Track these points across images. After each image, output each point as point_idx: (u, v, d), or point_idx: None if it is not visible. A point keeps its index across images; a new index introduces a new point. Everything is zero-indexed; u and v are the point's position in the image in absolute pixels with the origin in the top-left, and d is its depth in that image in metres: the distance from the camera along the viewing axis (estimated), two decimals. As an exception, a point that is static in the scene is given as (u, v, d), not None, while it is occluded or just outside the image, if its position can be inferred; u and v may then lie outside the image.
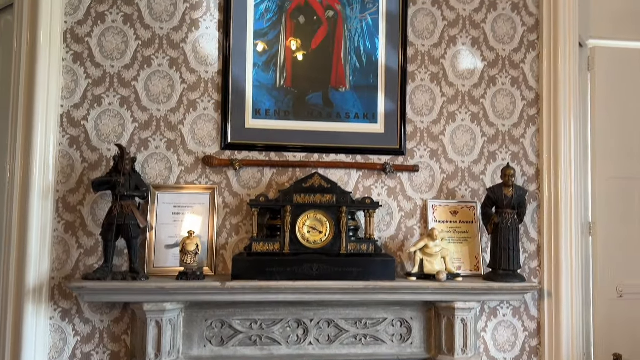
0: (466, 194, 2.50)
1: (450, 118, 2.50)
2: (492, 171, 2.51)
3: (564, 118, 2.48)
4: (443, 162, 2.49)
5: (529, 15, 2.54)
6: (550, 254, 2.48)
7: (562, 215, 2.47)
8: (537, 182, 2.53)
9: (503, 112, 2.53)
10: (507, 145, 2.52)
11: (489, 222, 2.34)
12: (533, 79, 2.54)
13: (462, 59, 2.50)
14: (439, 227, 2.41)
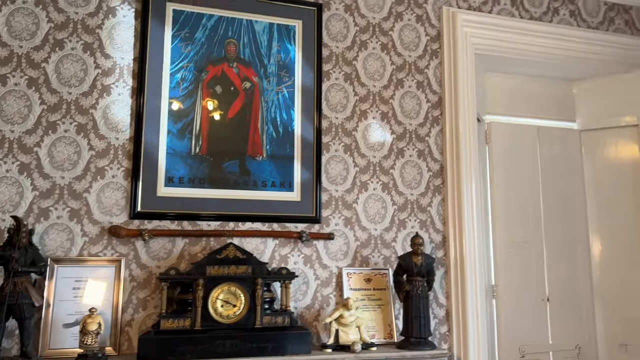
0: (379, 261, 2.56)
1: (362, 187, 2.59)
2: (403, 238, 2.60)
3: (466, 187, 2.66)
4: (357, 229, 2.55)
5: (433, 93, 2.74)
6: (458, 319, 2.58)
7: (468, 280, 2.60)
8: (444, 249, 2.66)
9: (411, 182, 2.66)
10: (416, 214, 2.65)
11: (400, 290, 2.40)
12: (437, 151, 2.72)
13: (372, 131, 2.63)
14: (354, 295, 2.44)
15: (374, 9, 2.70)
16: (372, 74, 2.66)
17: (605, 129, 3.22)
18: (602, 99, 3.23)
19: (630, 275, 3.05)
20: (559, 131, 3.21)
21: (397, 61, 2.71)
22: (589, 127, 3.25)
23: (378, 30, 2.70)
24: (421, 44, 2.75)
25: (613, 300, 3.08)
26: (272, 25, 2.51)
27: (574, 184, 3.18)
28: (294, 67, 2.52)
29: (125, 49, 2.33)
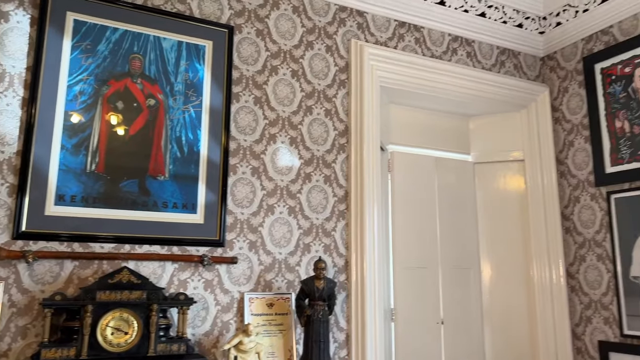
0: (282, 285, 2.56)
1: (269, 210, 2.58)
2: (307, 262, 2.62)
3: (369, 213, 2.74)
4: (261, 253, 2.53)
5: (340, 121, 2.83)
6: (357, 342, 2.63)
7: (368, 304, 2.66)
8: (347, 273, 2.71)
9: (317, 207, 2.70)
10: (321, 238, 2.68)
11: (302, 315, 2.41)
12: (343, 177, 2.79)
13: (281, 155, 2.65)
14: (255, 320, 2.41)
15: (286, 36, 2.75)
16: (282, 99, 2.69)
17: (496, 162, 3.48)
18: (494, 135, 3.50)
19: (515, 299, 3.29)
20: (455, 162, 3.43)
21: (306, 88, 2.76)
22: (482, 160, 3.50)
23: (289, 57, 2.74)
24: (330, 73, 2.84)
25: (499, 324, 3.30)
26: (181, 43, 2.47)
27: (467, 212, 3.40)
28: (203, 87, 2.48)
29: (18, 57, 2.18)
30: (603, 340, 2.92)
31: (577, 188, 3.18)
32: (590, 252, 3.07)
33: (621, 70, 2.95)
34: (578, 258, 3.14)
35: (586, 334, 3.04)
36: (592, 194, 3.09)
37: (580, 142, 3.19)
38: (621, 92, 2.94)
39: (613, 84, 2.99)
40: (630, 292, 2.80)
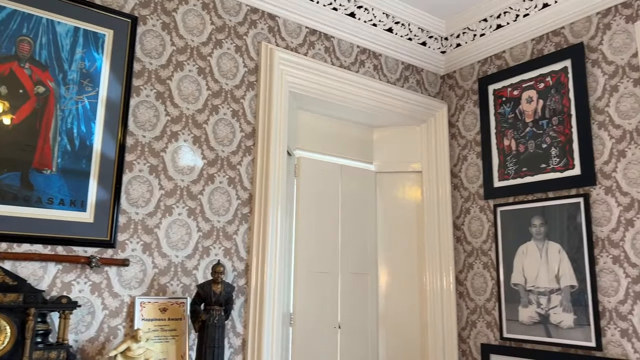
0: (178, 289, 2.47)
1: (167, 211, 2.48)
2: (205, 266, 2.55)
3: (272, 217, 2.73)
4: (156, 256, 2.43)
5: (247, 123, 2.79)
6: (253, 348, 2.59)
7: (266, 309, 2.64)
8: (246, 277, 2.68)
9: (219, 209, 2.64)
10: (221, 241, 2.63)
11: (196, 320, 2.33)
12: (248, 180, 2.76)
13: (183, 154, 2.56)
14: (146, 326, 2.30)
15: (194, 32, 2.68)
16: (186, 96, 2.61)
17: (396, 173, 3.63)
18: (395, 146, 3.65)
19: (408, 303, 3.44)
20: (358, 171, 3.53)
21: (213, 87, 2.70)
22: (384, 170, 3.63)
23: (196, 54, 2.67)
24: (239, 74, 2.80)
25: (393, 328, 3.43)
26: (78, 29, 2.31)
27: (368, 219, 3.51)
28: (100, 77, 2.34)
29: None
30: (485, 343, 3.13)
31: (468, 200, 3.40)
32: (477, 261, 3.29)
33: (510, 92, 3.21)
34: (467, 266, 3.35)
35: (471, 337, 3.24)
36: (481, 206, 3.31)
37: (473, 157, 3.42)
38: (510, 112, 3.20)
39: (503, 105, 3.24)
40: (511, 298, 3.03)
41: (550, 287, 2.84)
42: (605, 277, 2.62)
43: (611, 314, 2.58)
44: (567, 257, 2.78)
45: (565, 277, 2.78)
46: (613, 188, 2.65)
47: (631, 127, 2.62)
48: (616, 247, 2.60)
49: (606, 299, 2.60)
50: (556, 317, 2.79)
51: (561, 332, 2.75)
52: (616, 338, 2.54)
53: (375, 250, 3.51)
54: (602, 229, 2.67)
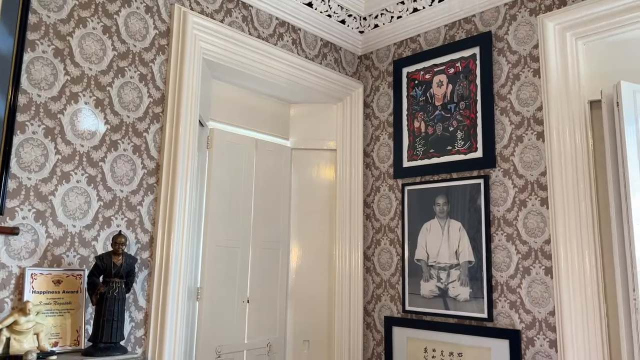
0: (74, 261, 2.32)
1: (64, 178, 2.32)
2: (106, 237, 2.42)
3: (181, 189, 2.64)
4: (51, 225, 2.26)
5: (156, 89, 2.66)
6: (156, 322, 2.51)
7: (171, 282, 2.56)
8: (151, 250, 2.57)
9: (122, 178, 2.51)
10: (124, 212, 2.50)
11: (94, 292, 2.21)
12: (155, 149, 2.64)
13: (83, 118, 2.39)
14: (38, 299, 2.15)
15: (99, -13, 2.49)
16: (89, 55, 2.43)
17: (311, 150, 3.64)
18: (311, 123, 3.65)
19: (316, 280, 3.49)
20: (274, 146, 3.50)
21: (120, 48, 2.54)
22: (299, 147, 3.63)
23: (101, 11, 2.49)
24: (149, 36, 2.65)
25: (302, 302, 3.47)
26: (-39, -30, 2.06)
27: (282, 195, 3.50)
28: (-13, 26, 2.11)
29: None
30: (388, 316, 3.26)
31: (379, 179, 3.49)
32: (384, 237, 3.40)
33: (423, 76, 3.31)
34: (374, 242, 3.45)
35: (375, 310, 3.36)
36: (390, 185, 3.42)
37: (385, 137, 3.50)
38: (421, 95, 3.30)
39: (415, 88, 3.34)
40: (413, 273, 3.17)
41: (450, 263, 3.00)
42: (499, 254, 2.81)
43: (502, 287, 2.77)
44: (466, 234, 2.95)
45: (464, 253, 2.95)
46: (510, 171, 2.83)
47: (529, 114, 2.80)
48: (510, 226, 2.79)
49: (499, 273, 2.80)
50: (454, 290, 2.96)
51: (458, 304, 2.93)
52: (505, 310, 2.74)
53: (288, 226, 3.52)
54: (498, 209, 2.85)
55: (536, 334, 2.61)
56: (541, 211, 2.68)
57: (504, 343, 2.70)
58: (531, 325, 2.63)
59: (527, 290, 2.67)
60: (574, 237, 2.52)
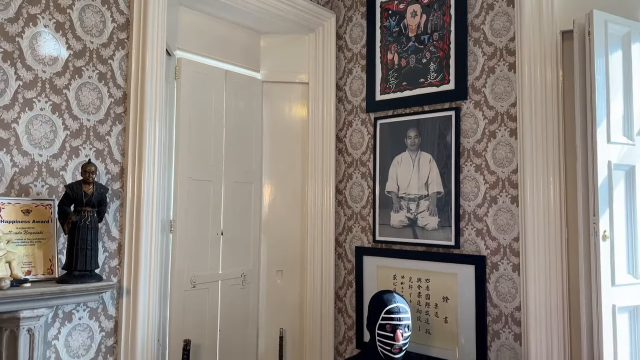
0: (43, 191, 2.27)
1: (26, 105, 2.22)
2: (74, 167, 2.36)
3: (150, 120, 2.57)
4: (15, 154, 2.19)
5: (120, 13, 2.53)
6: (130, 252, 2.52)
7: (144, 214, 2.55)
8: (122, 181, 2.54)
9: (89, 107, 2.42)
10: (92, 142, 2.43)
11: (66, 222, 2.19)
12: (121, 77, 2.54)
13: (43, 42, 2.27)
14: (7, 228, 2.11)
15: None
16: (46, -26, 2.27)
17: (283, 83, 3.58)
18: (283, 55, 3.57)
19: (289, 214, 3.53)
20: (244, 78, 3.42)
21: (79, -33, 2.38)
22: (271, 79, 3.56)
23: None
24: (110, -45, 2.49)
25: (275, 235, 3.52)
26: None
27: (253, 129, 3.46)
28: None
29: None
30: (359, 246, 3.36)
31: (351, 113, 3.48)
32: (356, 171, 3.44)
33: (397, 6, 3.25)
34: (346, 176, 3.49)
35: (347, 241, 3.45)
36: (363, 119, 3.42)
37: (358, 70, 3.47)
38: (395, 26, 3.25)
39: (389, 18, 3.28)
40: (384, 204, 3.23)
41: (419, 194, 3.07)
42: (467, 184, 2.89)
43: (470, 216, 2.87)
44: (436, 166, 3.01)
45: (433, 185, 3.01)
46: (481, 102, 2.86)
47: (502, 44, 2.80)
48: (479, 157, 2.85)
49: (467, 203, 2.88)
50: (423, 220, 3.04)
51: (426, 233, 3.02)
52: (472, 237, 2.85)
53: (260, 160, 3.51)
54: (468, 140, 2.90)
55: (500, 259, 2.73)
56: (510, 142, 2.74)
57: (469, 268, 2.82)
58: (496, 251, 2.75)
59: (494, 218, 2.78)
60: (540, 167, 2.60)
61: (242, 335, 3.31)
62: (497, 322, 2.72)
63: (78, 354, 2.34)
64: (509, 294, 2.69)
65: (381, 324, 2.26)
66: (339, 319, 3.44)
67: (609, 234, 2.33)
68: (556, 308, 2.53)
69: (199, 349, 3.01)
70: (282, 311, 3.46)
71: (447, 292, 2.91)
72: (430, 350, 2.91)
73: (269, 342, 3.42)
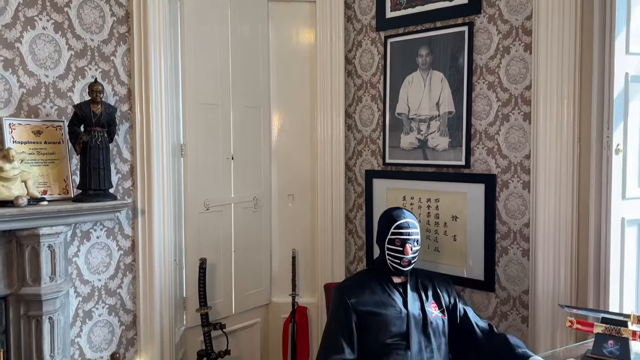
0: (52, 112, 2.28)
1: (28, 24, 2.18)
2: (82, 88, 2.35)
3: (154, 39, 2.52)
4: (22, 74, 2.18)
5: None
6: (143, 174, 2.55)
7: (154, 137, 2.56)
8: (130, 103, 2.53)
9: (91, 26, 2.37)
10: (97, 62, 2.40)
11: (77, 142, 2.20)
12: (123, -6, 2.47)
13: (40, -44, 2.19)
14: (20, 149, 2.13)
15: None
16: None
17: (289, 2, 3.45)
18: (289, -27, 3.42)
19: (298, 139, 3.52)
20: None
21: None
22: (276, -1, 3.44)
23: None
24: None
25: (285, 159, 3.53)
26: None
27: (260, 52, 3.38)
28: None
29: None
30: (369, 169, 3.36)
31: (361, 32, 3.38)
32: (366, 94, 3.38)
33: None
34: (356, 99, 3.44)
35: (356, 165, 3.45)
36: (373, 39, 3.32)
37: (367, -13, 3.33)
38: (406, -62, 3.08)
39: None
40: (394, 127, 3.20)
41: (430, 114, 3.03)
42: (479, 102, 2.84)
43: (481, 135, 2.84)
44: (448, 85, 2.94)
45: (444, 104, 2.96)
46: (495, 16, 2.75)
47: (518, -47, 2.66)
48: (492, 74, 2.78)
49: (478, 122, 2.84)
50: (433, 141, 3.02)
51: (436, 154, 3.01)
52: (483, 156, 2.84)
53: (268, 84, 3.46)
54: (481, 57, 2.81)
55: (511, 177, 2.73)
56: (524, 57, 2.66)
57: (479, 187, 2.83)
58: (506, 169, 2.74)
59: (505, 137, 2.75)
60: (554, 82, 2.53)
61: (256, 256, 3.41)
62: (505, 239, 2.76)
63: (98, 270, 2.43)
64: (518, 211, 2.71)
65: (390, 238, 2.30)
66: (349, 240, 3.51)
67: (622, 147, 2.30)
68: (565, 223, 2.54)
69: (215, 269, 3.11)
70: (294, 233, 3.53)
71: (456, 211, 2.93)
72: (439, 267, 2.98)
73: (282, 262, 3.52)
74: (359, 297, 2.24)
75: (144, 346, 2.58)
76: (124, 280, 2.53)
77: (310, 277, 3.51)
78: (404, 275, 2.34)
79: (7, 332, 2.12)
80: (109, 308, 2.49)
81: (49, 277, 2.11)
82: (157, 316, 2.58)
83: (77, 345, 2.37)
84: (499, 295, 2.78)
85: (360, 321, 2.20)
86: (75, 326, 2.36)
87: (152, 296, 2.57)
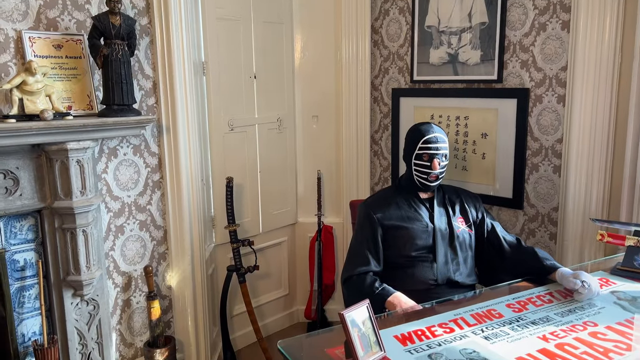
0: (71, 25, 2.22)
1: None
2: (99, 0, 2.28)
3: (172, -51, 2.40)
4: (37, -15, 2.11)
5: None
6: (166, 91, 2.51)
7: (175, 52, 2.50)
8: (149, 16, 2.45)
9: None
10: (114, -27, 2.31)
11: (97, 55, 2.16)
12: None
13: None
14: (41, 63, 2.11)
15: None
16: None
17: None
18: None
19: (322, 57, 3.41)
20: None
21: None
22: None
23: None
24: None
25: (309, 79, 3.44)
26: None
27: (281, -37, 3.22)
28: None
29: None
30: (396, 88, 3.26)
31: (388, -61, 3.16)
32: (393, 6, 3.21)
33: None
34: (382, 12, 3.27)
35: (383, 84, 3.35)
36: (401, -54, 3.10)
37: None
38: None
39: None
40: (423, 41, 3.06)
41: (462, 26, 2.87)
42: (514, 11, 2.66)
43: (515, 47, 2.69)
44: (481, -7, 2.77)
45: (477, 15, 2.80)
46: None
47: None
48: (529, -21, 2.59)
49: (512, 32, 2.69)
50: (464, 55, 2.88)
51: (467, 69, 2.88)
52: (516, 69, 2.70)
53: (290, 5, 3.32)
54: (518, -39, 2.61)
55: (545, 91, 2.61)
56: (566, -42, 2.46)
57: (511, 102, 2.72)
58: (541, 82, 2.62)
59: (541, 48, 2.60)
60: (598, -15, 2.34)
61: (281, 177, 3.41)
62: (536, 155, 2.68)
63: (127, 187, 2.47)
64: (551, 126, 2.61)
65: (418, 153, 2.25)
66: (374, 161, 3.47)
67: (668, 54, 2.15)
68: (600, 140, 2.44)
69: (242, 189, 3.14)
70: (318, 155, 3.50)
71: (486, 128, 2.84)
72: (467, 186, 2.93)
73: (307, 183, 3.53)
74: (385, 212, 2.23)
75: (175, 260, 2.66)
76: (153, 197, 2.57)
77: (335, 199, 3.52)
78: (430, 191, 2.31)
79: (44, 244, 2.20)
80: (140, 224, 2.54)
81: (80, 191, 2.15)
82: (186, 232, 2.64)
83: (111, 258, 2.46)
84: (527, 213, 2.74)
85: (386, 235, 2.20)
86: (109, 240, 2.44)
87: (181, 213, 2.61)
